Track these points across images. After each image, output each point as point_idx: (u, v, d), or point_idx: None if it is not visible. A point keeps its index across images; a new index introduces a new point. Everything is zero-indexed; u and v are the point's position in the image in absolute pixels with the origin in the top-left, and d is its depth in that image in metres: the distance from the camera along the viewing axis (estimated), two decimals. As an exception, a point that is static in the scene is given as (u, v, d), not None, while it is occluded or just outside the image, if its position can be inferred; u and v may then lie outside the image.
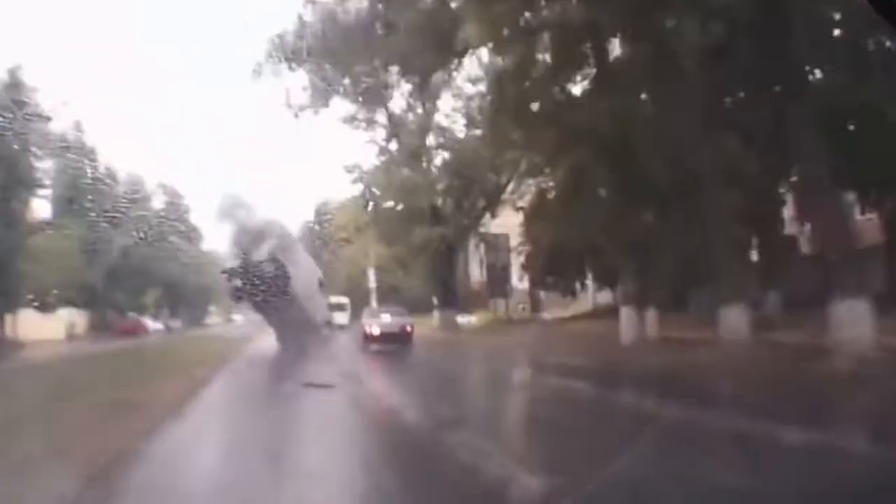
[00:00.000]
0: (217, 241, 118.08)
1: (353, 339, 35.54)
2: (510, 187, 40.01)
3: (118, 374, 20.24)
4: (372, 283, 56.87)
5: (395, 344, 29.65)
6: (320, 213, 72.14)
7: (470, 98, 38.43)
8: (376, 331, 30.44)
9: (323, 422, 12.12)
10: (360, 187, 44.11)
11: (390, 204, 41.72)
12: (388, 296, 55.33)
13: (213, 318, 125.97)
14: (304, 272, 31.78)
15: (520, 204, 38.95)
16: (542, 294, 46.62)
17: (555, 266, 34.01)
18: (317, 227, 71.41)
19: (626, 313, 22.22)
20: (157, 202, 62.76)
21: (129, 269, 61.93)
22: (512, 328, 36.97)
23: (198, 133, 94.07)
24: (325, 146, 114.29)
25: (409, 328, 31.15)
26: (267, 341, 33.26)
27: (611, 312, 34.43)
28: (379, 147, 41.56)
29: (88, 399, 12.90)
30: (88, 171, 56.52)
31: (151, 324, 62.84)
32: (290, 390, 15.87)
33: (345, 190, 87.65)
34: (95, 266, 57.55)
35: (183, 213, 61.74)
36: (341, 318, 48.29)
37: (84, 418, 10.85)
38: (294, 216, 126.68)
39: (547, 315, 44.38)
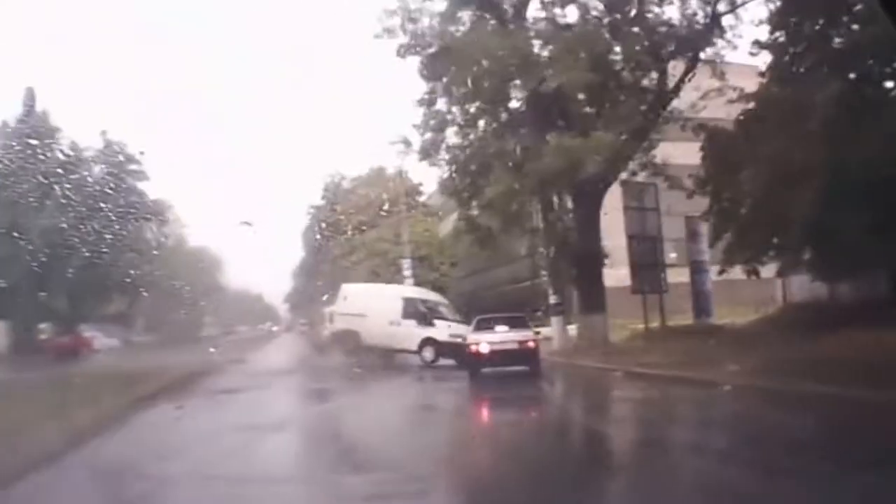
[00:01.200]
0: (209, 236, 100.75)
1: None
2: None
3: None
4: (409, 279, 39.42)
5: (513, 365, 19.75)
6: (331, 191, 54.81)
7: None
8: (486, 348, 19.79)
9: None
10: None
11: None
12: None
13: (211, 330, 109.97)
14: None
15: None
16: (708, 288, 29.06)
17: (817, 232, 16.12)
18: (327, 209, 54.06)
19: None
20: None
21: (73, 266, 44.38)
22: (725, 349, 18.81)
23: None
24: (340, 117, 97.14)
25: (532, 343, 20.03)
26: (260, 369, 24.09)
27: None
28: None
29: None
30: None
31: (104, 340, 45.41)
32: None
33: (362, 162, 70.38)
34: (15, 261, 40.21)
35: (136, 180, 43.75)
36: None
37: None
38: (299, 197, 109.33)
39: (714, 320, 27.56)
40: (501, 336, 19.52)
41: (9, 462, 7.85)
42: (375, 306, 27.27)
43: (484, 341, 19.31)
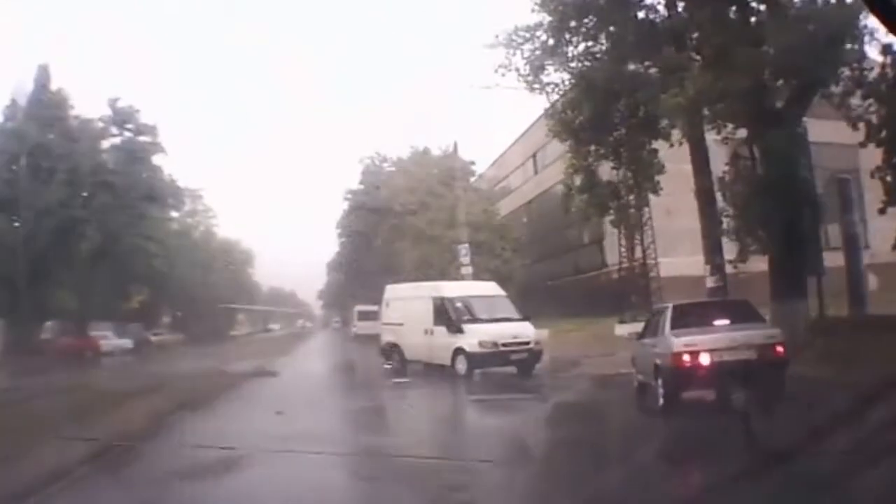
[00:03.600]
0: (240, 229, 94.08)
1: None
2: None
3: None
4: (466, 267, 31.89)
5: (749, 385, 10.62)
6: (372, 173, 47.52)
7: None
8: (706, 360, 10.49)
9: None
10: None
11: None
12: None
13: (243, 329, 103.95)
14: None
15: None
16: (863, 269, 21.37)
17: None
18: (368, 193, 46.81)
19: None
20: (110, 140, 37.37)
21: (82, 253, 37.26)
22: None
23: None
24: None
25: (780, 349, 10.90)
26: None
27: None
28: None
29: None
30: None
31: (115, 341, 38.44)
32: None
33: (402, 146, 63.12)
34: (10, 248, 33.27)
35: (150, 153, 36.37)
36: (370, 327, 36.58)
37: None
38: (333, 184, 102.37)
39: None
40: (729, 337, 10.79)
41: None
42: (411, 312, 21.56)
43: (702, 347, 10.54)
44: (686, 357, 10.55)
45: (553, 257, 43.82)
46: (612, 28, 14.91)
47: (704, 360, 10.48)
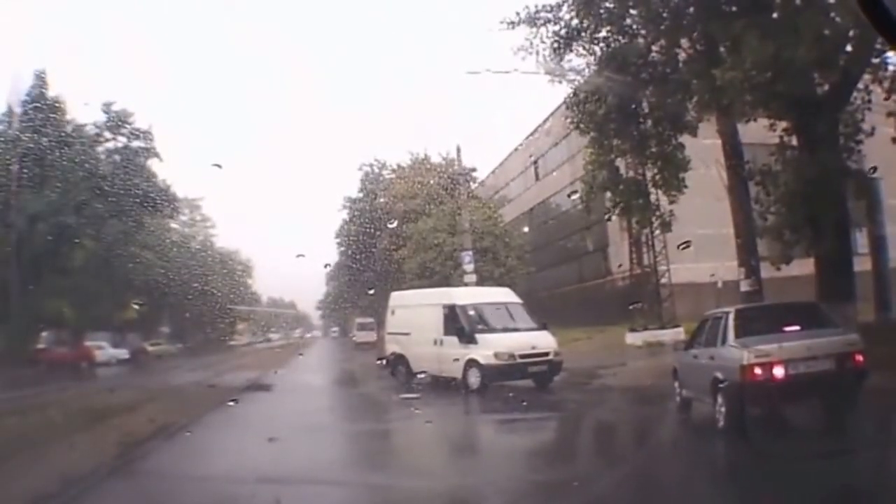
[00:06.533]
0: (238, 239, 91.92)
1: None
2: None
3: None
4: (470, 275, 30.24)
5: (821, 397, 9.43)
6: (371, 180, 45.89)
7: None
8: (780, 372, 8.54)
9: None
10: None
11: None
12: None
13: (242, 338, 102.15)
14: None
15: None
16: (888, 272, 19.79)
17: None
18: (367, 201, 45.15)
19: None
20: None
21: (76, 261, 35.43)
22: None
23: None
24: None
25: (860, 357, 8.92)
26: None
27: None
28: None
29: None
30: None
31: (111, 351, 36.81)
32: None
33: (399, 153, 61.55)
34: (3, 256, 31.50)
35: (144, 158, 34.60)
36: (367, 336, 42.39)
37: None
38: (330, 194, 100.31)
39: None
40: (805, 346, 9.05)
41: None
42: (419, 320, 19.77)
43: (777, 358, 8.71)
44: (758, 370, 8.79)
45: (557, 265, 42.38)
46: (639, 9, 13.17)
47: (779, 372, 8.75)
